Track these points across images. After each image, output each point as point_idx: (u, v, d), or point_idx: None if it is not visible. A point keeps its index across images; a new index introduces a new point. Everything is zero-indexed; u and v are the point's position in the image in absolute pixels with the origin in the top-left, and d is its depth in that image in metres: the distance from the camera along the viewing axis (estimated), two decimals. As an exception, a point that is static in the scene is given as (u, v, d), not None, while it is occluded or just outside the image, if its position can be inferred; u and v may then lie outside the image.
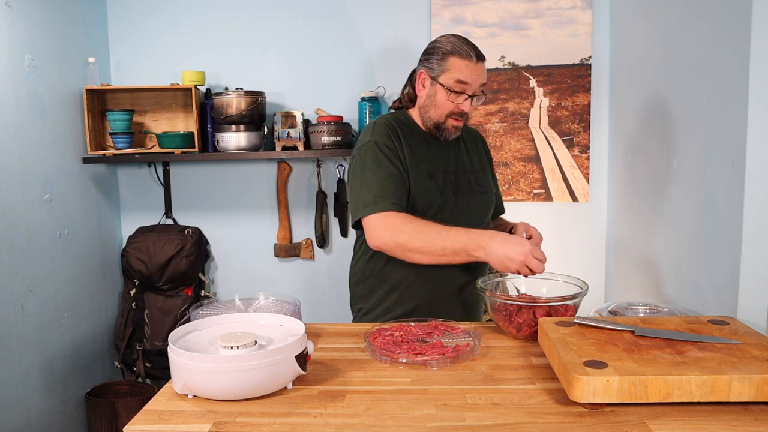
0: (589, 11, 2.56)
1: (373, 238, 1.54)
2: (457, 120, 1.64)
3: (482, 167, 1.80)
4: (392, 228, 1.51)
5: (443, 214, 1.63)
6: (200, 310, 1.52)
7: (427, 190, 1.63)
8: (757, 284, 1.35)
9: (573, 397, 1.03)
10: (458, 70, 1.59)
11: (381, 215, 1.53)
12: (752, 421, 0.99)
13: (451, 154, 1.71)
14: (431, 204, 1.62)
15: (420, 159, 1.65)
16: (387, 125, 1.65)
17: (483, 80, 1.62)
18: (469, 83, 1.59)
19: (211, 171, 2.81)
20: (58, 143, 2.39)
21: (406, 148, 1.63)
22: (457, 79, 1.59)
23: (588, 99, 2.60)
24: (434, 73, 1.62)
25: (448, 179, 1.67)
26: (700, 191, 1.60)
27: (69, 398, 2.45)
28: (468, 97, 1.61)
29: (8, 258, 2.10)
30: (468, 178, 1.72)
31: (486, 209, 1.76)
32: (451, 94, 1.60)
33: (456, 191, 1.67)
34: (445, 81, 1.60)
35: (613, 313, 1.58)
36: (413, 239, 1.49)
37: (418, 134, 1.69)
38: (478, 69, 1.60)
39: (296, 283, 2.81)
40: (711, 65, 1.54)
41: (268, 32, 2.70)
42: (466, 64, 1.58)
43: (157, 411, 1.08)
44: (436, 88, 1.62)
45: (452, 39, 1.62)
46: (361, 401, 1.11)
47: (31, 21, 2.23)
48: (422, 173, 1.63)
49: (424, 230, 1.50)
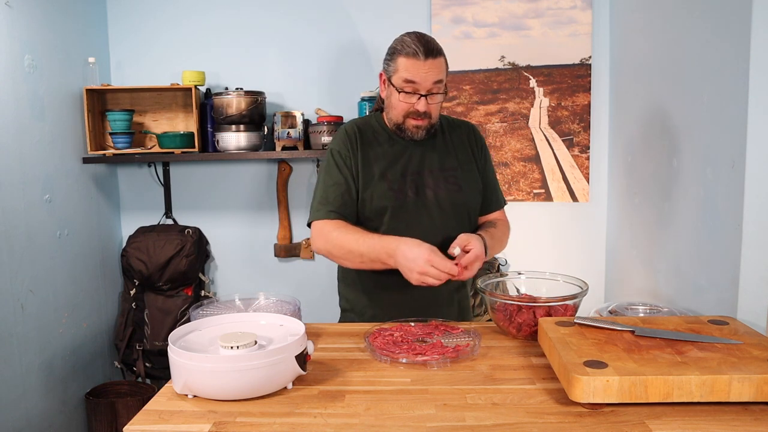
0: (589, 11, 2.56)
1: (312, 244, 1.61)
2: (416, 119, 1.59)
3: (467, 162, 1.71)
4: (323, 236, 1.57)
5: (403, 215, 1.61)
6: (200, 310, 1.52)
7: (379, 193, 1.60)
8: (757, 284, 1.35)
9: (573, 397, 1.03)
10: (405, 70, 1.53)
11: (318, 223, 1.59)
12: (752, 421, 0.99)
13: (417, 153, 1.65)
14: (386, 206, 1.60)
15: (375, 161, 1.63)
16: (348, 132, 1.66)
17: (436, 77, 1.54)
18: (418, 82, 1.53)
19: (211, 171, 2.81)
20: (58, 143, 2.39)
21: (362, 153, 1.63)
22: (405, 78, 1.53)
23: (588, 99, 2.60)
24: (388, 73, 1.59)
25: (408, 180, 1.63)
26: (700, 191, 1.60)
27: (69, 398, 2.45)
28: (421, 96, 1.55)
29: (8, 258, 2.10)
30: (436, 176, 1.65)
31: (459, 207, 1.67)
32: (402, 94, 1.55)
33: (418, 191, 1.63)
34: (395, 81, 1.56)
35: (613, 313, 1.58)
36: (336, 247, 1.54)
37: (383, 136, 1.67)
38: (428, 66, 1.52)
39: (296, 283, 2.81)
40: (711, 65, 1.54)
41: (268, 32, 2.70)
42: (412, 62, 1.52)
43: (157, 411, 1.08)
44: (391, 89, 1.58)
45: (403, 37, 1.56)
46: (361, 401, 1.11)
47: (31, 21, 2.23)
48: (375, 177, 1.61)
49: (345, 238, 1.53)
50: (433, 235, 1.60)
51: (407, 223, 1.61)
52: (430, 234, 1.59)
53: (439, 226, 1.63)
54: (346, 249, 1.53)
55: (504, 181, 2.66)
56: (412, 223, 1.61)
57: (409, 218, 1.61)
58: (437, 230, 1.62)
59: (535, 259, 2.62)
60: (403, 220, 1.61)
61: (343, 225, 1.56)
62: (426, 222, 1.62)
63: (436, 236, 1.60)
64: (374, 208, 1.61)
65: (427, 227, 1.62)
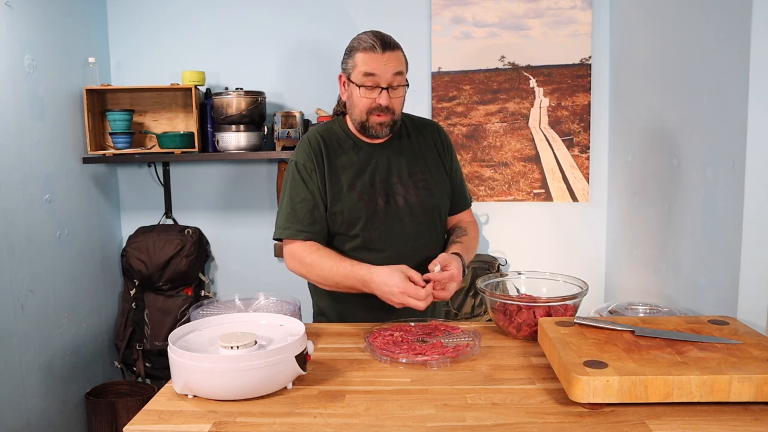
0: (589, 11, 2.56)
1: (286, 263, 1.62)
2: (380, 115, 1.56)
3: (434, 163, 1.69)
4: (297, 259, 1.58)
5: (375, 224, 1.60)
6: (200, 310, 1.52)
7: (349, 205, 1.59)
8: (757, 284, 1.35)
9: (573, 397, 1.03)
10: (363, 63, 1.52)
11: (290, 244, 1.59)
12: (752, 421, 0.99)
13: (384, 160, 1.64)
14: (357, 217, 1.59)
15: (342, 172, 1.61)
16: (311, 143, 1.63)
17: (396, 69, 1.53)
18: (377, 74, 1.52)
19: (211, 171, 2.81)
20: (58, 143, 2.39)
21: (328, 164, 1.61)
22: (364, 71, 1.52)
23: (588, 99, 2.60)
24: (347, 72, 1.57)
25: (377, 188, 1.61)
26: (700, 191, 1.60)
27: (69, 398, 2.45)
28: (382, 89, 1.54)
29: (8, 258, 2.10)
30: (405, 182, 1.63)
31: (431, 212, 1.66)
32: (363, 89, 1.54)
33: (388, 199, 1.62)
34: (355, 78, 1.54)
35: (613, 313, 1.58)
36: (311, 273, 1.56)
37: (348, 142, 1.64)
38: (386, 58, 1.52)
39: (296, 283, 2.79)
40: (711, 65, 1.54)
41: (268, 32, 2.70)
42: (370, 56, 1.51)
43: (157, 411, 1.08)
44: (352, 87, 1.57)
45: (359, 35, 1.56)
46: (361, 401, 1.11)
47: (31, 21, 2.23)
48: (343, 189, 1.59)
49: (318, 265, 1.53)
50: (406, 241, 1.61)
51: (380, 232, 1.60)
52: (403, 241, 1.61)
53: (412, 232, 1.62)
54: (321, 276, 1.54)
55: (504, 181, 2.66)
56: (385, 232, 1.60)
57: (381, 227, 1.60)
58: (410, 237, 1.62)
59: (535, 259, 2.62)
60: (375, 229, 1.60)
61: (315, 249, 1.56)
62: (398, 229, 1.61)
63: (409, 243, 1.62)
64: (345, 220, 1.59)
65: (400, 234, 1.61)
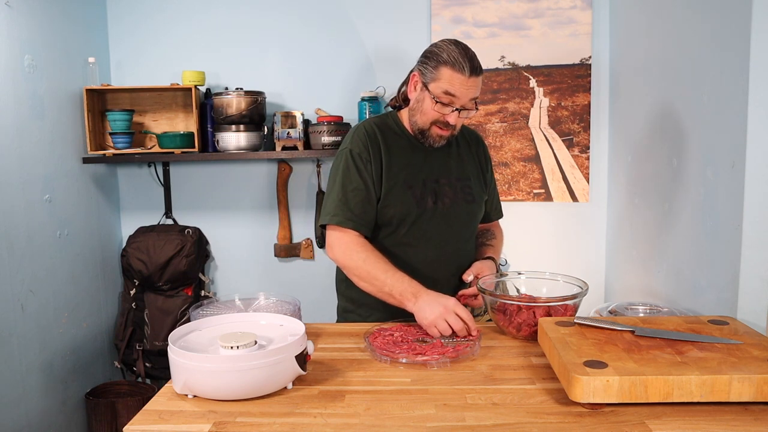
0: (589, 11, 2.56)
1: (329, 250, 1.59)
2: (442, 129, 1.58)
3: (476, 173, 1.74)
4: (346, 250, 1.55)
5: (421, 223, 1.61)
6: (200, 310, 1.52)
7: (403, 201, 1.60)
8: (757, 284, 1.35)
9: (573, 397, 1.03)
10: (448, 82, 1.51)
11: (340, 232, 1.57)
12: (752, 421, 0.99)
13: (437, 161, 1.67)
14: (407, 213, 1.60)
15: (399, 168, 1.62)
16: (368, 133, 1.63)
17: (474, 95, 1.55)
18: (458, 97, 1.52)
19: (211, 171, 2.81)
20: (58, 143, 2.39)
21: (386, 157, 1.61)
22: (446, 90, 1.52)
23: (588, 99, 2.60)
24: (426, 78, 1.55)
25: (428, 188, 1.63)
26: (700, 191, 1.60)
27: (69, 398, 2.45)
28: (455, 110, 1.55)
29: (8, 258, 2.10)
30: (453, 186, 1.67)
31: (471, 218, 1.71)
32: (437, 104, 1.54)
33: (437, 200, 1.63)
34: (433, 89, 1.53)
35: (613, 313, 1.58)
36: (360, 269, 1.53)
37: (403, 139, 1.66)
38: (470, 83, 1.52)
39: (296, 283, 2.81)
40: (711, 65, 1.54)
41: (268, 32, 2.70)
42: (458, 77, 1.50)
43: (157, 411, 1.09)
44: (425, 94, 1.56)
45: (452, 48, 1.53)
46: (361, 401, 1.11)
47: (31, 21, 2.23)
48: (399, 184, 1.60)
49: (372, 265, 1.51)
50: (447, 244, 1.64)
51: (425, 231, 1.62)
52: (445, 243, 1.64)
53: (453, 235, 1.66)
54: (371, 276, 1.51)
55: (504, 181, 2.66)
56: (430, 232, 1.62)
57: (426, 227, 1.62)
58: (451, 240, 1.65)
59: (535, 259, 2.62)
60: (421, 228, 1.61)
61: (368, 247, 1.55)
62: (443, 231, 1.64)
63: (449, 245, 1.65)
64: (396, 214, 1.60)
65: (443, 236, 1.64)
